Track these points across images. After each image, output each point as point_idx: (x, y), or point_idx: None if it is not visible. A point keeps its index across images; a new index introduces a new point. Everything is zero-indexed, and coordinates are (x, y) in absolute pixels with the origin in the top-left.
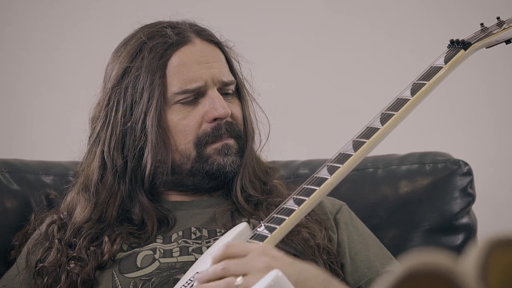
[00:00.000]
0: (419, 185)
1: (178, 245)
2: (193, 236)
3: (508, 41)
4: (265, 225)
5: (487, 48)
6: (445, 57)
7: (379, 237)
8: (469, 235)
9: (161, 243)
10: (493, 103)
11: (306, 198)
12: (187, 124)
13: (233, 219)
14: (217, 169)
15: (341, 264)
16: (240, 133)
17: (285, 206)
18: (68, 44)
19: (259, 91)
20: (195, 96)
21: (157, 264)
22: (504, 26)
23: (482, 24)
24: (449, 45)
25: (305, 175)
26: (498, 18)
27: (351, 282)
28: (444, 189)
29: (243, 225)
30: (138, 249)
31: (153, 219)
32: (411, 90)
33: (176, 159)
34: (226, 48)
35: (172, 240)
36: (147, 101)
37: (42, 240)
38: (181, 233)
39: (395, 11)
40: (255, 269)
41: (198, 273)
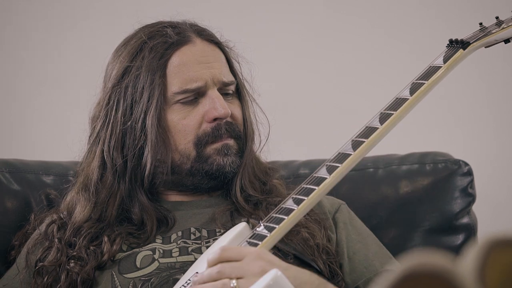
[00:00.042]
0: (420, 185)
1: (178, 246)
2: (193, 237)
3: (507, 41)
4: (264, 225)
5: (486, 47)
6: (444, 56)
7: (379, 237)
8: (470, 235)
9: (160, 243)
10: (493, 103)
11: (305, 198)
12: (187, 124)
13: (232, 219)
14: (216, 169)
15: (340, 264)
16: (240, 133)
17: (284, 206)
18: (68, 44)
19: (259, 91)
20: (195, 96)
21: (156, 264)
22: (503, 25)
23: (481, 23)
24: (448, 44)
25: (305, 175)
26: (497, 17)
27: (349, 282)
28: (445, 189)
29: (242, 225)
30: (137, 249)
31: (152, 219)
32: (410, 89)
33: (176, 158)
34: (226, 48)
35: (172, 241)
36: (147, 101)
37: (41, 239)
38: (180, 234)
39: (395, 11)
40: (250, 273)
41: (197, 273)
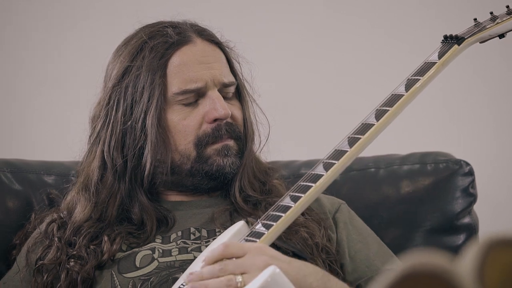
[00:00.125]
0: (421, 185)
1: (177, 246)
2: (192, 237)
3: (502, 36)
4: (262, 223)
5: (481, 43)
6: (439, 52)
7: (380, 237)
8: (471, 235)
9: (160, 243)
10: (494, 102)
11: (302, 195)
12: (187, 125)
13: (231, 219)
14: (216, 170)
15: (341, 264)
16: (240, 134)
17: (281, 203)
18: (68, 44)
19: (259, 91)
20: (196, 98)
21: (156, 263)
22: (497, 20)
23: (475, 19)
24: (442, 40)
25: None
26: (491, 13)
27: (351, 281)
28: (446, 189)
29: (241, 223)
30: (137, 249)
31: (152, 219)
32: (405, 85)
33: (176, 159)
34: (227, 49)
35: (171, 240)
36: (147, 101)
37: (42, 238)
38: (180, 233)
39: (395, 11)
40: (254, 268)
41: (191, 274)
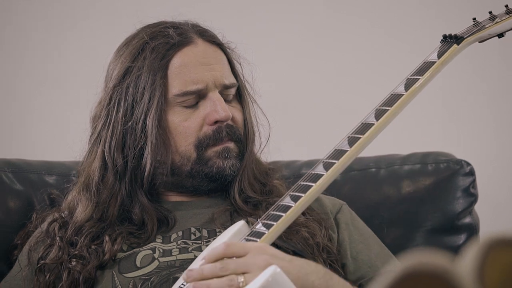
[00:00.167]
0: (422, 185)
1: (178, 246)
2: (193, 237)
3: (501, 35)
4: (262, 222)
5: (480, 42)
6: (438, 52)
7: (381, 237)
8: (472, 235)
9: (160, 242)
10: (495, 102)
11: (303, 195)
12: (188, 126)
13: (232, 219)
14: (216, 172)
15: (342, 264)
16: (240, 136)
17: (282, 203)
18: (68, 44)
19: (259, 92)
20: (197, 100)
21: (156, 263)
22: (496, 20)
23: (474, 18)
24: (442, 40)
25: None
26: (490, 12)
27: (353, 280)
28: (447, 189)
29: (241, 223)
30: (137, 249)
31: (153, 219)
32: (404, 85)
33: (176, 160)
34: (228, 50)
35: (172, 240)
36: (148, 101)
37: (43, 237)
38: (180, 233)
39: (395, 11)
40: (255, 267)
41: (191, 270)
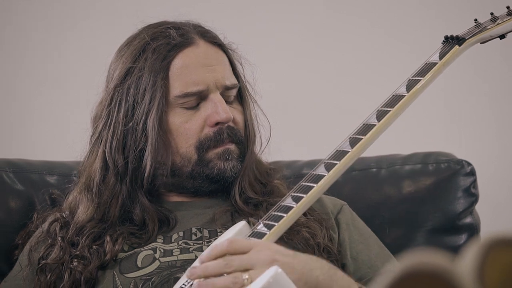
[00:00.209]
0: (422, 185)
1: (179, 246)
2: (194, 237)
3: (502, 36)
4: (263, 223)
5: (481, 43)
6: (439, 53)
7: (382, 237)
8: (472, 235)
9: (161, 243)
10: (496, 103)
11: (304, 195)
12: (189, 128)
13: (233, 219)
14: (217, 173)
15: (342, 264)
16: (241, 138)
17: (283, 204)
18: (68, 44)
19: (260, 93)
20: (198, 101)
21: (157, 263)
22: (498, 21)
23: (476, 20)
24: (443, 41)
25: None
26: (492, 13)
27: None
28: (447, 189)
29: (242, 223)
30: (138, 249)
31: (154, 219)
32: (406, 86)
33: (177, 161)
34: (229, 50)
35: (173, 240)
36: (148, 102)
37: (44, 237)
38: (181, 234)
39: (395, 11)
40: (260, 263)
41: (194, 267)
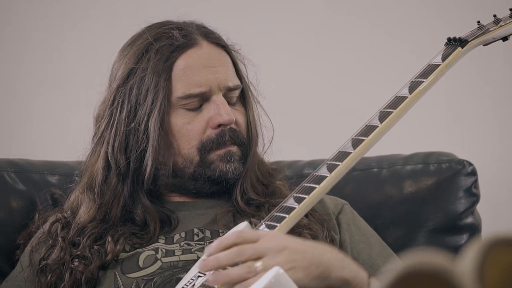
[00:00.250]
0: (424, 185)
1: (181, 247)
2: (196, 238)
3: (505, 38)
4: (265, 224)
5: (484, 45)
6: (442, 54)
7: (383, 237)
8: (474, 235)
9: (163, 243)
10: (497, 103)
11: (306, 196)
12: (191, 129)
13: (235, 220)
14: (219, 175)
15: None
16: (243, 140)
17: (285, 205)
18: (68, 44)
19: (263, 94)
20: (200, 103)
21: (159, 263)
22: (501, 23)
23: (478, 22)
24: (446, 43)
25: (309, 175)
26: (494, 16)
27: None
28: (449, 189)
29: (244, 224)
30: (140, 249)
31: (155, 220)
32: (409, 88)
33: (179, 162)
34: (233, 51)
35: (175, 241)
36: (151, 103)
37: (45, 238)
38: (183, 234)
39: (395, 11)
40: (271, 251)
41: (205, 260)
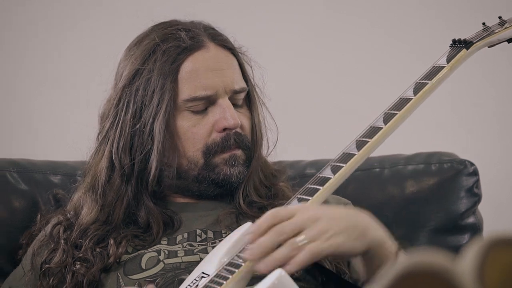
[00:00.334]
0: (425, 185)
1: (183, 248)
2: (198, 239)
3: (510, 40)
4: None
5: (489, 47)
6: (447, 56)
7: None
8: (475, 235)
9: (165, 244)
10: (498, 103)
11: (310, 198)
12: (197, 132)
13: (237, 221)
14: (223, 178)
15: (348, 262)
16: (248, 144)
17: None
18: (68, 44)
19: (269, 96)
20: (206, 106)
21: (161, 265)
22: (506, 25)
23: (484, 23)
24: (451, 44)
25: (311, 175)
26: (500, 17)
27: (357, 278)
28: (450, 189)
29: (248, 224)
30: (142, 251)
31: (158, 222)
32: (413, 89)
33: (184, 164)
34: (239, 54)
35: (177, 242)
36: (156, 105)
37: (47, 241)
38: (186, 235)
39: (395, 11)
40: (309, 221)
41: (247, 249)
